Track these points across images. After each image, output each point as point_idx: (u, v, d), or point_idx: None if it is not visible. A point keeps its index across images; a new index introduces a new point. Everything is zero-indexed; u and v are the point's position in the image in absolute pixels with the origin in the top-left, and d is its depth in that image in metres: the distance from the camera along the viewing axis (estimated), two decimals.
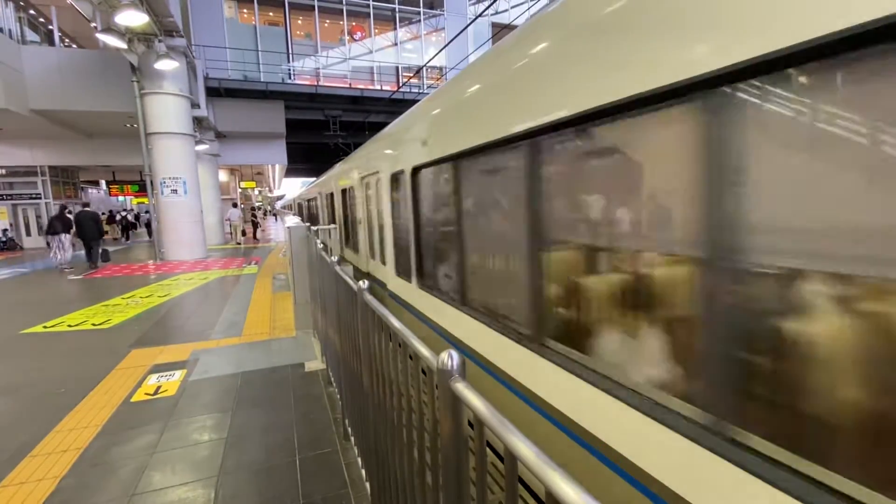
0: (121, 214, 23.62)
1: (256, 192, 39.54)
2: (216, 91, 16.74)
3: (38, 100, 12.69)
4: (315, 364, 4.37)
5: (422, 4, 23.05)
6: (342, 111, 19.01)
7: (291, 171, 36.21)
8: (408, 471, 1.35)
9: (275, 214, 40.23)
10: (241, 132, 18.33)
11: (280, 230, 21.56)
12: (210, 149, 16.93)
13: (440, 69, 22.45)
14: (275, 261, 12.47)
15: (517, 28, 2.38)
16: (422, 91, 20.13)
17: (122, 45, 10.29)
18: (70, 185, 20.03)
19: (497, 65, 2.41)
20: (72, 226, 11.51)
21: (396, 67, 22.94)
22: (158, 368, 4.39)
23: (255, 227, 20.96)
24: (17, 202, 18.08)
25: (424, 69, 21.42)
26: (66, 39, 20.47)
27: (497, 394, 2.44)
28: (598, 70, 1.59)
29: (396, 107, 17.23)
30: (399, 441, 1.42)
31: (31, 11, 17.52)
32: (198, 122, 14.86)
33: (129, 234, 22.00)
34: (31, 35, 17.12)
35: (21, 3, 15.93)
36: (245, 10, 20.54)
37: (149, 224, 16.65)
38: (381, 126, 6.94)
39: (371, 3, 21.97)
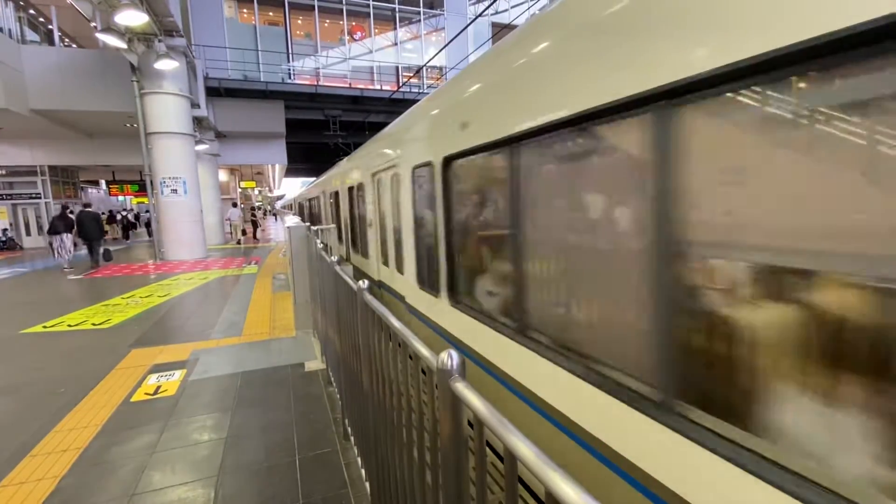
0: (121, 214, 23.69)
1: (256, 192, 39.54)
2: (216, 91, 16.75)
3: (38, 100, 12.69)
4: (315, 364, 4.37)
5: (422, 4, 23.08)
6: (342, 111, 19.02)
7: (291, 171, 36.27)
8: (407, 470, 1.35)
9: (275, 214, 40.22)
10: (241, 132, 18.34)
11: (280, 230, 21.55)
12: (210, 149, 16.94)
13: (440, 69, 22.46)
14: (275, 260, 12.47)
15: None
16: (422, 91, 20.13)
17: (122, 45, 10.29)
18: (70, 185, 20.05)
19: None
20: (73, 226, 11.53)
21: (396, 67, 22.96)
22: (158, 368, 4.40)
23: (255, 227, 20.98)
24: (17, 202, 18.10)
25: (424, 69, 21.42)
26: (66, 39, 20.46)
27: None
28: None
29: (396, 107, 17.23)
30: (399, 441, 1.42)
31: (31, 11, 17.51)
32: (198, 122, 14.87)
33: (129, 234, 22.05)
34: (31, 35, 17.13)
35: (21, 3, 15.93)
36: (245, 10, 20.56)
37: (149, 224, 16.65)
38: (381, 126, 6.88)
39: (371, 3, 21.98)
